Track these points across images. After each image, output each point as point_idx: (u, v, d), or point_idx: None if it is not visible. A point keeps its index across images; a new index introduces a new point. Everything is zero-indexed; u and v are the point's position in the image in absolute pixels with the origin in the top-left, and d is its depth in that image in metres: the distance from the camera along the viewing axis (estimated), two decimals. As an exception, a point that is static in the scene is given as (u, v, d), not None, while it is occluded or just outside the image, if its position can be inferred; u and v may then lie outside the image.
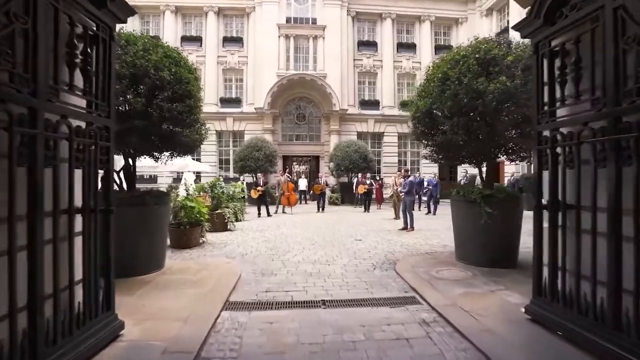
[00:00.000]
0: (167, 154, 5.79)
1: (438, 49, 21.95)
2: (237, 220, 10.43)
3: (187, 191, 7.23)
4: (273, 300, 4.00)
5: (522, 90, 4.55)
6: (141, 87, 4.66)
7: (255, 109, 19.56)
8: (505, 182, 14.86)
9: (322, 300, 3.94)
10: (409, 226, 9.13)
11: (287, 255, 6.21)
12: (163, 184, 17.05)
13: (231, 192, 10.86)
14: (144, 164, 9.58)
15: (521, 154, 5.49)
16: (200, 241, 7.20)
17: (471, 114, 4.76)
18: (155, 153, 5.70)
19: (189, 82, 5.21)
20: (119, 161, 5.14)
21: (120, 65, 4.35)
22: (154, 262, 4.99)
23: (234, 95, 20.91)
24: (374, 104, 21.24)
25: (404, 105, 21.21)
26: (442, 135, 5.15)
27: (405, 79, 22.09)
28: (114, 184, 3.89)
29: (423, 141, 6.17)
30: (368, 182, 14.39)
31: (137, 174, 6.17)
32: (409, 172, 9.55)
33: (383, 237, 8.10)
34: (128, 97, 4.58)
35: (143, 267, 4.77)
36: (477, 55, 4.93)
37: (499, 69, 4.76)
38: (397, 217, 11.62)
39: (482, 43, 5.21)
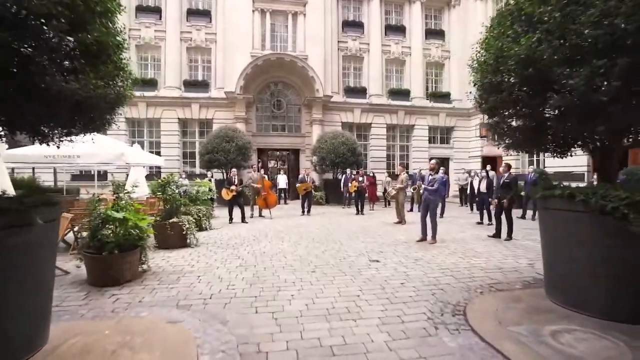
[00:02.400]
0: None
1: (429, 33, 20.19)
2: (201, 229, 7.90)
3: (117, 194, 4.61)
4: None
5: None
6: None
7: (225, 93, 16.80)
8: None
9: None
10: (429, 236, 7.02)
11: (279, 299, 3.85)
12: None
13: (194, 193, 8.28)
14: (83, 152, 6.76)
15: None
16: (140, 270, 4.66)
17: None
18: (43, 128, 3.13)
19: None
20: None
21: None
22: (21, 338, 2.47)
23: (200, 78, 17.99)
24: (361, 91, 19.10)
25: (393, 93, 19.32)
26: (560, 98, 2.94)
27: (394, 65, 20.12)
28: None
29: (507, 119, 3.90)
30: (361, 178, 12.20)
31: (73, 169, 3.56)
32: (436, 165, 7.39)
33: (405, 254, 5.91)
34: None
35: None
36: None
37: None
38: (400, 221, 9.55)
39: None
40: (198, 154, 15.97)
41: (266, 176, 11.39)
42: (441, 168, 12.27)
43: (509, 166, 7.57)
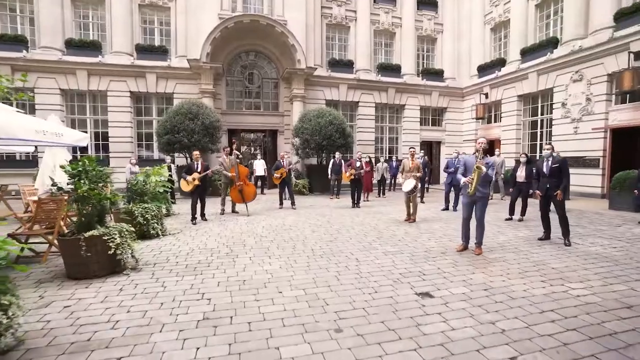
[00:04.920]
0: None
1: (421, 3, 18.10)
2: (148, 237, 5.53)
3: None
4: None
5: None
6: None
7: (188, 62, 13.93)
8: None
9: None
10: (472, 242, 5.09)
11: None
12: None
13: (142, 185, 5.85)
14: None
15: None
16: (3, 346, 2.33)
17: None
18: None
19: None
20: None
21: None
22: None
23: (157, 43, 14.92)
24: (347, 65, 16.81)
25: (382, 69, 17.20)
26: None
27: (383, 37, 17.94)
28: None
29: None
30: (358, 164, 10.08)
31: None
32: (485, 145, 5.18)
33: (460, 278, 3.91)
34: None
35: None
36: None
37: None
38: (410, 218, 7.60)
39: None
40: (155, 135, 13.14)
41: (240, 160, 8.96)
42: (456, 151, 10.40)
43: (552, 147, 5.69)
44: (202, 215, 7.60)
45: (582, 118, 12.32)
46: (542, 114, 14.40)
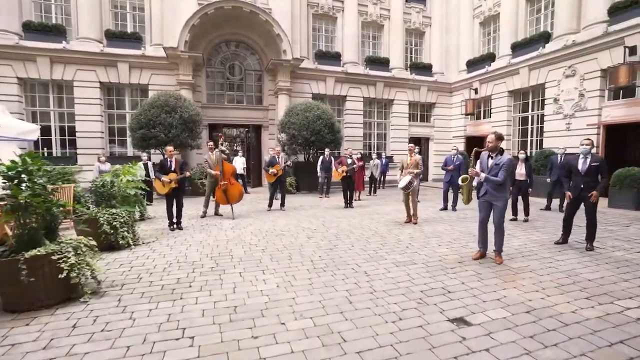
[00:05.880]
0: None
1: (410, -5, 17.58)
2: (120, 246, 4.70)
3: None
4: None
5: None
6: None
7: (165, 50, 12.84)
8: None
9: None
10: (495, 251, 4.54)
11: None
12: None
13: (109, 187, 4.99)
14: None
15: None
16: None
17: None
18: None
19: None
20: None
21: None
22: None
23: (129, 29, 13.71)
24: (334, 57, 16.08)
25: (371, 62, 16.60)
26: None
27: (372, 30, 17.31)
28: None
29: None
30: (350, 160, 9.42)
31: None
32: (498, 142, 4.52)
33: (492, 296, 3.31)
34: None
35: None
36: None
37: None
38: (411, 219, 7.06)
39: None
40: (128, 129, 12.01)
41: (227, 157, 8.09)
42: (455, 148, 9.88)
43: (591, 142, 5.20)
44: (178, 223, 6.54)
45: (575, 114, 12.13)
46: (533, 110, 14.20)
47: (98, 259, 3.51)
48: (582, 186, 5.03)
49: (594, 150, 5.20)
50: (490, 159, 4.44)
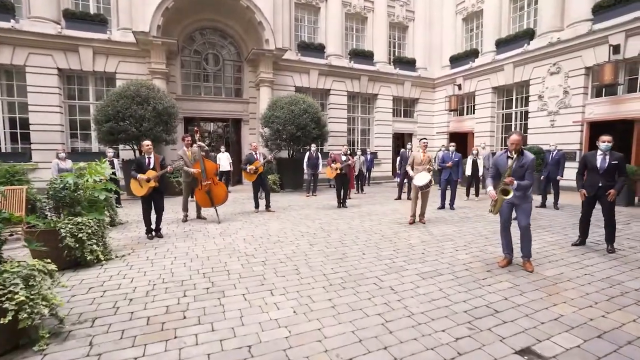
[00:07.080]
0: None
1: (393, -13, 17.17)
2: (88, 263, 3.85)
3: None
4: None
5: None
6: None
7: (134, 35, 11.63)
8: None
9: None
10: (524, 257, 4.13)
11: None
12: None
13: (71, 190, 4.11)
14: None
15: None
16: None
17: None
18: None
19: None
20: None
21: None
22: None
23: (92, 10, 12.32)
24: (318, 49, 15.40)
25: (355, 55, 16.08)
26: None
27: (355, 22, 16.76)
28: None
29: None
30: (344, 157, 8.83)
31: None
32: (520, 140, 4.07)
33: (543, 313, 2.84)
34: None
35: None
36: None
37: None
38: (418, 218, 6.63)
39: None
40: (93, 122, 10.74)
41: (206, 153, 7.24)
42: (446, 144, 9.54)
43: (611, 139, 4.92)
44: (157, 230, 5.66)
45: (559, 111, 12.22)
46: (516, 107, 14.26)
47: (58, 285, 2.70)
48: (600, 184, 4.77)
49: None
50: (509, 159, 4.07)
